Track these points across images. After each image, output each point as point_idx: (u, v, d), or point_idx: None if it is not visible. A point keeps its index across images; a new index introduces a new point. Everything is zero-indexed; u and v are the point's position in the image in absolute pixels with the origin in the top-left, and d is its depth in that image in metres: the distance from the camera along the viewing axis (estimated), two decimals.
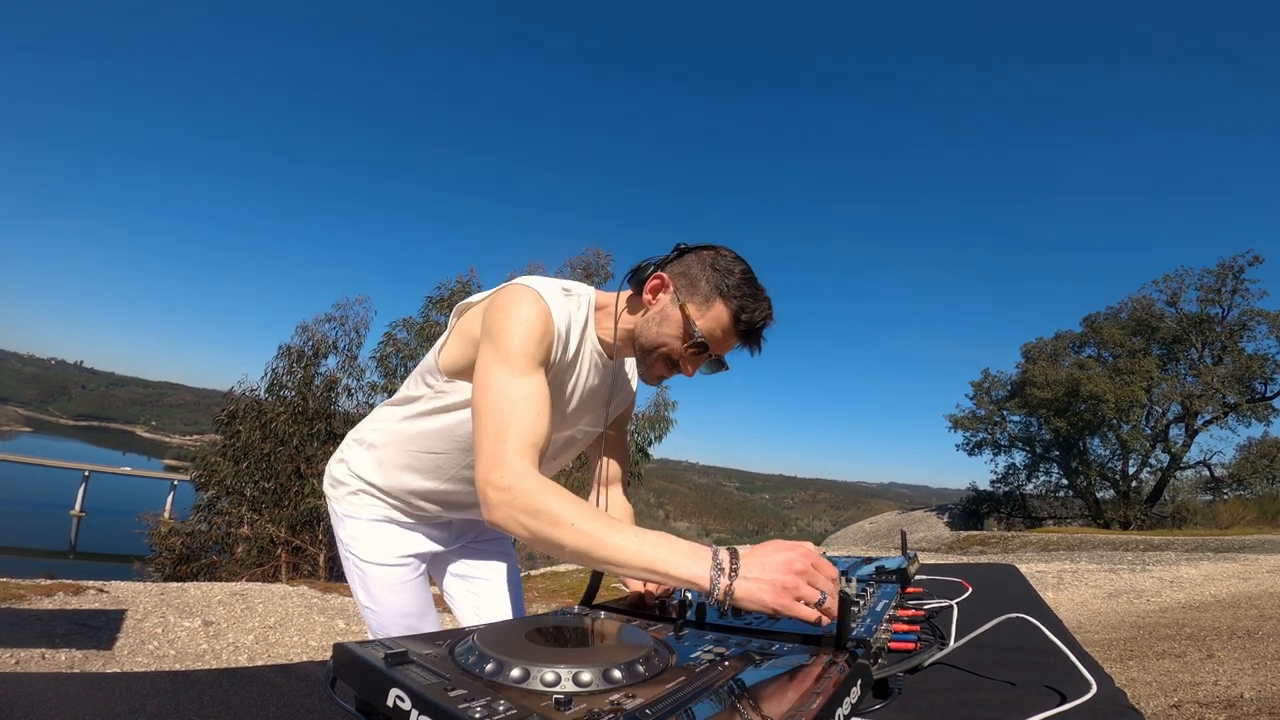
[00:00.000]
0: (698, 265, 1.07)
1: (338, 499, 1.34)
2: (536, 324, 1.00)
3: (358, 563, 1.31)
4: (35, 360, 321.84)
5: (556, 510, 0.84)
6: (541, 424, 0.95)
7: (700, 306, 1.05)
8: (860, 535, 23.89)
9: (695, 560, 0.80)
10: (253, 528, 12.61)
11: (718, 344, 1.07)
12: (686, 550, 0.81)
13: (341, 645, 0.62)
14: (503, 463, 0.89)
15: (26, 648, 3.72)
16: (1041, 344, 26.91)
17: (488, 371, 0.98)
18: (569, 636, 0.73)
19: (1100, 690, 0.71)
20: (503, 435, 0.92)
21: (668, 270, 1.09)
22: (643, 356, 1.11)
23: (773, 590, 0.76)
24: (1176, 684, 3.40)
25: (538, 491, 0.86)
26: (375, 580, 1.30)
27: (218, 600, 5.66)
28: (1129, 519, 22.57)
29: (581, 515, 0.84)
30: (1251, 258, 22.13)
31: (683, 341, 1.06)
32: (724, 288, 1.04)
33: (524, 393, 0.96)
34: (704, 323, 1.05)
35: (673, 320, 1.06)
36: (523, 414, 0.94)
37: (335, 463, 1.39)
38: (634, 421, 14.34)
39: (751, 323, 1.06)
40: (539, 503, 0.86)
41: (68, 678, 0.65)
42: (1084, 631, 5.39)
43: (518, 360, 0.97)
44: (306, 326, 14.08)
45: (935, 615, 1.16)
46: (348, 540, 1.32)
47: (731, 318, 1.05)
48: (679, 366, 1.10)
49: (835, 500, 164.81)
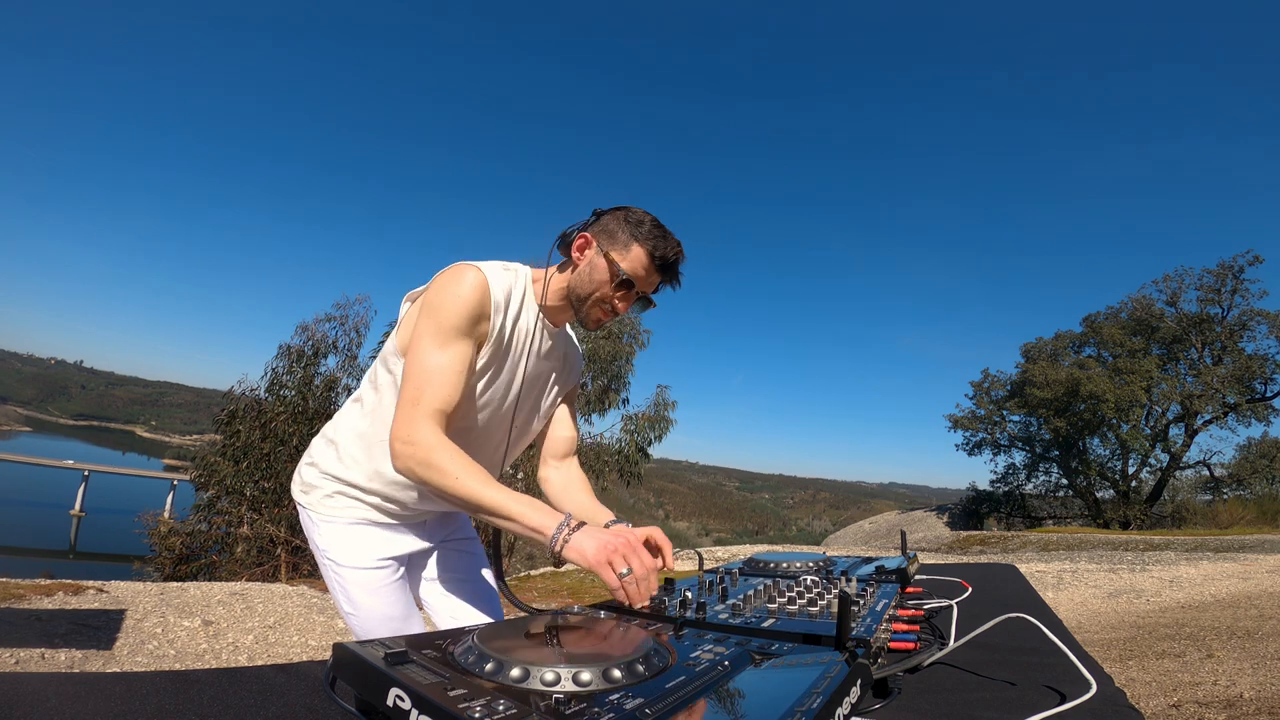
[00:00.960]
0: (614, 221, 1.24)
1: (312, 504, 1.32)
2: (471, 297, 1.14)
3: (335, 568, 1.30)
4: (35, 360, 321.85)
5: (445, 465, 1.04)
6: (452, 393, 1.12)
7: (621, 252, 1.21)
8: (860, 535, 23.90)
9: (546, 517, 1.01)
10: (252, 528, 12.60)
11: (642, 282, 1.23)
12: (543, 509, 1.02)
13: (341, 645, 0.62)
14: (412, 423, 1.08)
15: (26, 647, 3.72)
16: (1041, 344, 26.92)
17: (418, 342, 1.13)
18: (569, 636, 0.73)
19: (1100, 690, 0.71)
20: (417, 400, 1.09)
21: (589, 230, 1.25)
22: (579, 306, 1.26)
23: (594, 551, 0.96)
24: (1176, 684, 3.40)
25: (435, 448, 1.06)
26: (355, 585, 1.29)
27: (217, 600, 5.66)
28: (1129, 519, 22.57)
29: (464, 470, 1.04)
30: (1251, 258, 22.16)
31: (611, 284, 1.22)
32: (638, 234, 1.22)
33: (443, 364, 1.12)
34: (626, 264, 1.21)
35: (600, 268, 1.22)
36: (438, 384, 1.11)
37: (305, 466, 1.36)
38: (634, 421, 14.34)
39: (665, 258, 1.23)
40: (433, 457, 1.05)
41: (68, 678, 0.65)
42: (1084, 631, 5.39)
43: (445, 333, 1.13)
44: (306, 326, 14.07)
45: (935, 615, 1.16)
46: (325, 546, 1.30)
47: (648, 256, 1.22)
48: (613, 308, 1.25)
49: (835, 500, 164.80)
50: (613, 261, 1.21)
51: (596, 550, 0.97)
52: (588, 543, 0.98)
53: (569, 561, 1.00)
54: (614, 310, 1.25)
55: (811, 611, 0.92)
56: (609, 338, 13.82)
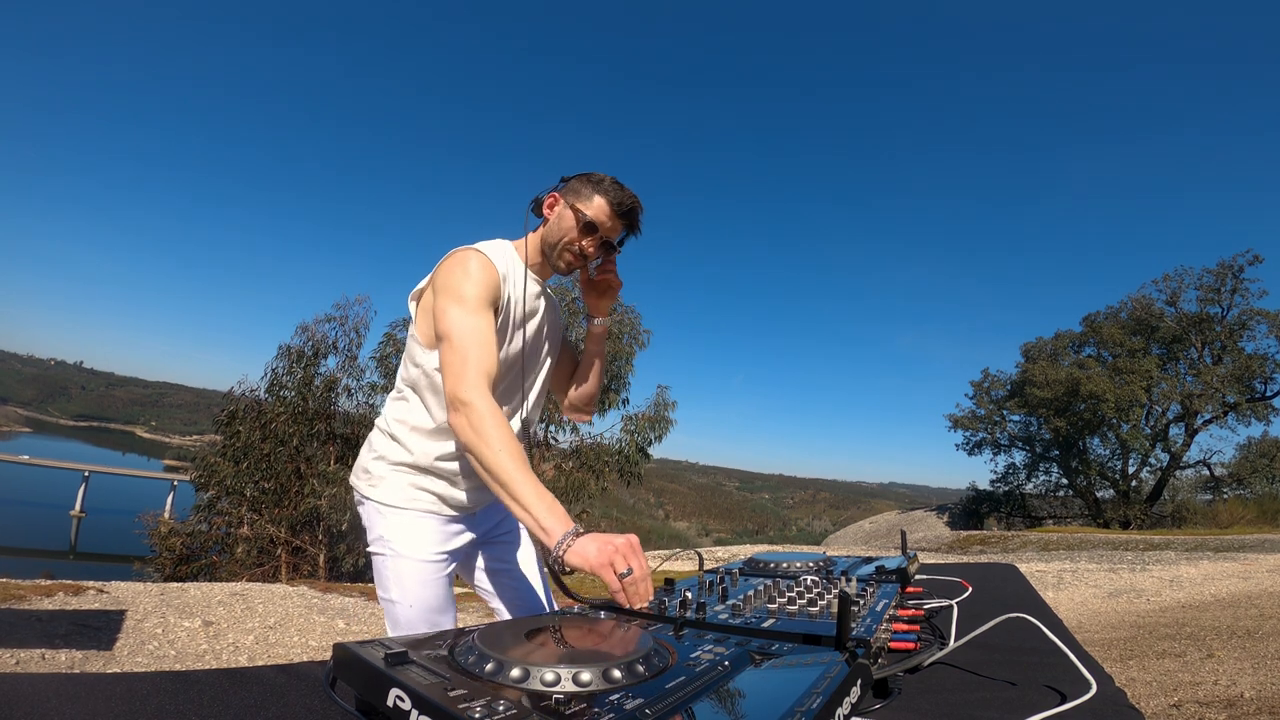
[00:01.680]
0: (578, 182, 1.40)
1: (380, 495, 1.38)
2: (482, 273, 1.27)
3: (395, 558, 1.34)
4: (35, 360, 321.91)
5: (491, 436, 1.12)
6: (492, 357, 1.23)
7: (585, 203, 1.38)
8: (860, 535, 23.90)
9: (556, 520, 1.06)
10: (253, 528, 12.60)
11: (605, 228, 1.39)
12: (559, 514, 1.07)
13: (341, 645, 0.62)
14: (465, 381, 1.17)
15: (27, 648, 3.72)
16: (1041, 344, 26.91)
17: (447, 312, 1.24)
18: (569, 636, 0.73)
19: (1100, 690, 0.71)
20: (466, 360, 1.19)
21: (558, 192, 1.43)
22: (549, 251, 1.42)
23: (596, 553, 1.00)
24: (1176, 684, 3.40)
25: (486, 415, 1.14)
26: (411, 575, 1.34)
27: (218, 600, 5.66)
28: (1129, 518, 22.57)
29: (505, 447, 1.11)
30: (1251, 257, 22.14)
31: (578, 229, 1.38)
32: (599, 189, 1.38)
33: (477, 327, 1.24)
34: (590, 211, 1.37)
35: (567, 218, 1.39)
36: (482, 346, 1.22)
37: (371, 461, 1.43)
38: (634, 421, 14.34)
39: (622, 204, 1.38)
40: (484, 424, 1.13)
41: (68, 678, 0.65)
42: (1084, 631, 5.39)
43: (471, 301, 1.24)
44: (306, 326, 14.07)
45: (935, 615, 1.16)
46: (388, 535, 1.35)
47: (610, 205, 1.38)
48: (581, 250, 1.40)
49: (835, 500, 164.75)
50: (578, 210, 1.37)
51: (598, 552, 1.00)
52: (589, 546, 1.01)
53: (570, 566, 1.03)
54: (582, 253, 1.40)
55: (811, 611, 0.92)
56: (609, 338, 13.82)
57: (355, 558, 13.00)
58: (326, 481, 12.65)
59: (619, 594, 0.98)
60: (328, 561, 12.88)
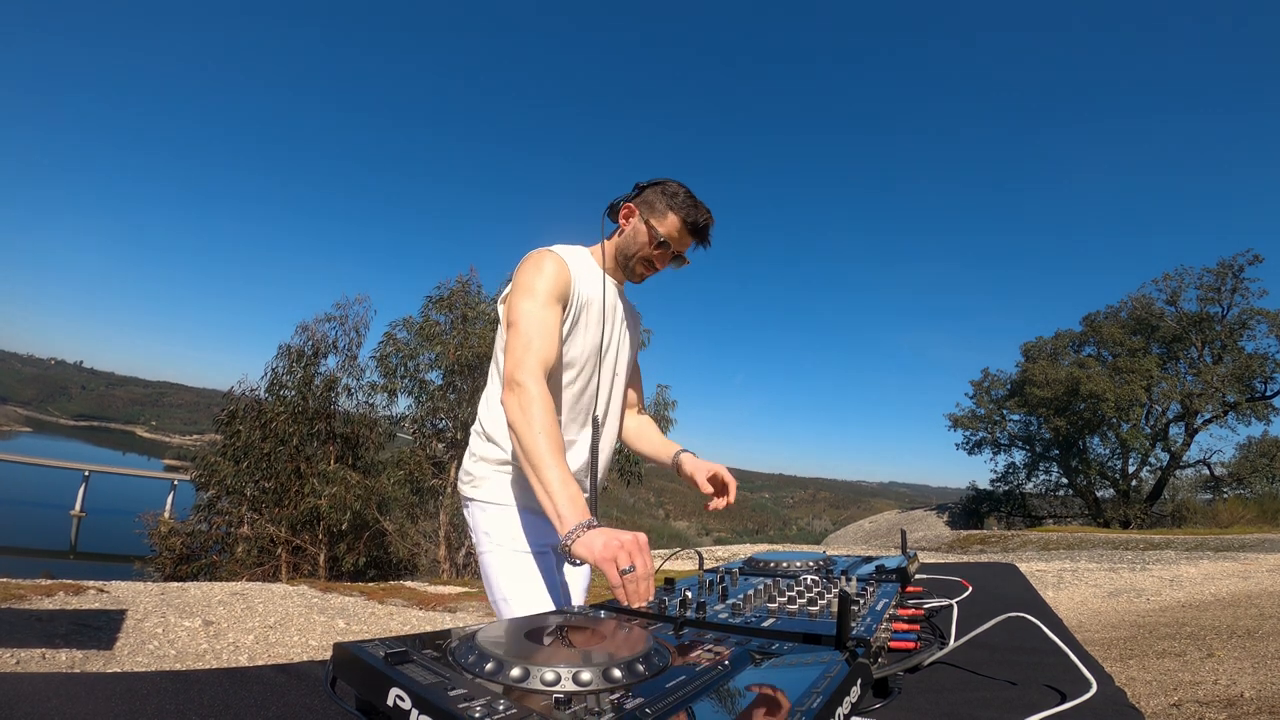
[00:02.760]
0: (653, 193, 1.46)
1: (481, 494, 1.42)
2: (554, 270, 1.35)
3: (498, 552, 1.38)
4: (35, 360, 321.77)
5: (534, 419, 1.18)
6: (555, 346, 1.31)
7: (659, 219, 1.44)
8: (860, 534, 23.91)
9: (573, 510, 1.09)
10: (253, 527, 12.61)
11: (676, 243, 1.46)
12: (577, 506, 1.10)
13: (341, 645, 0.62)
14: (524, 367, 1.24)
15: (27, 648, 3.72)
16: (1041, 343, 26.91)
17: (518, 305, 1.32)
18: (569, 636, 0.73)
19: (1100, 689, 0.71)
20: (528, 347, 1.27)
21: (632, 201, 1.48)
22: (624, 263, 1.49)
23: (601, 547, 1.01)
24: (1176, 683, 3.40)
25: (536, 399, 1.20)
26: (515, 567, 1.36)
27: (218, 600, 5.66)
28: (1129, 518, 22.57)
29: (545, 432, 1.17)
30: (1251, 257, 22.15)
31: (651, 245, 1.45)
32: (673, 205, 1.44)
33: (544, 319, 1.31)
34: (664, 229, 1.44)
35: (641, 232, 1.46)
36: (545, 335, 1.30)
37: (470, 463, 1.47)
38: None
39: (695, 223, 1.45)
40: (532, 407, 1.19)
41: (68, 678, 0.65)
42: (1084, 630, 5.39)
43: (540, 295, 1.32)
44: (306, 326, 14.07)
45: (935, 614, 1.16)
46: (490, 530, 1.39)
47: (682, 223, 1.44)
48: (654, 264, 1.49)
49: (835, 499, 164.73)
50: (652, 227, 1.44)
51: (603, 546, 1.01)
52: (596, 539, 1.03)
53: (577, 557, 1.05)
54: (654, 266, 1.49)
55: (811, 611, 0.92)
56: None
57: (355, 557, 13.00)
58: (326, 481, 12.65)
59: (618, 590, 0.99)
60: (328, 561, 12.87)
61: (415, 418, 13.69)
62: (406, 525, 13.26)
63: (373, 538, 13.37)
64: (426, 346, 13.34)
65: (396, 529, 13.15)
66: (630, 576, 0.99)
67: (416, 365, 13.49)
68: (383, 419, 14.18)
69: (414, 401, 13.65)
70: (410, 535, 13.07)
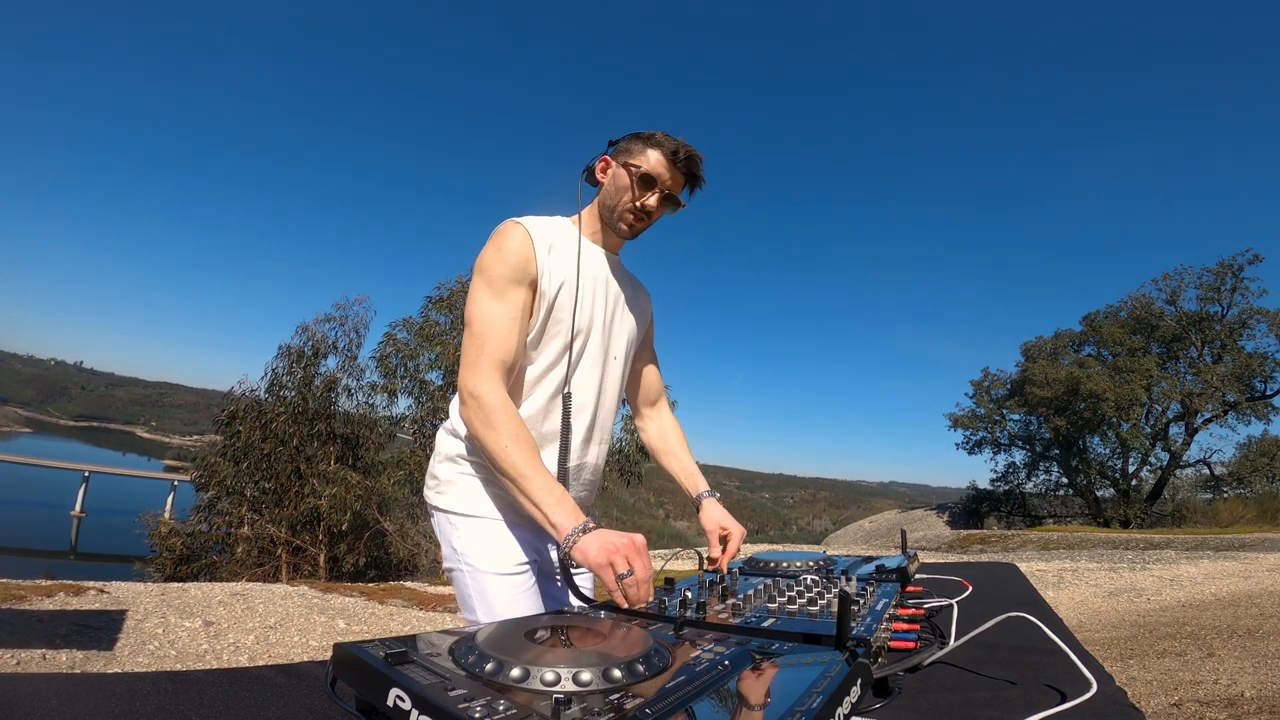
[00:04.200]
0: (627, 141, 1.34)
1: (451, 503, 1.29)
2: (513, 245, 1.23)
3: (474, 574, 1.23)
4: (35, 360, 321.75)
5: (501, 429, 1.11)
6: (512, 343, 1.20)
7: (639, 158, 1.31)
8: (860, 534, 23.90)
9: (565, 515, 1.04)
10: (253, 528, 12.60)
11: (664, 182, 1.31)
12: (568, 510, 1.05)
13: (342, 645, 0.62)
14: (478, 372, 1.15)
15: (27, 648, 3.72)
16: (1041, 343, 26.90)
17: (474, 295, 1.22)
18: (569, 636, 0.73)
19: (1100, 689, 0.71)
20: (481, 349, 1.17)
21: (608, 155, 1.37)
22: (610, 219, 1.35)
23: (596, 552, 0.98)
24: (1177, 683, 3.40)
25: (498, 408, 1.13)
26: (495, 591, 1.22)
27: (218, 600, 5.66)
28: (1129, 517, 22.56)
29: (515, 441, 1.10)
30: (1251, 256, 22.14)
31: (635, 187, 1.31)
32: (651, 141, 1.31)
33: (500, 312, 1.20)
34: (646, 165, 1.30)
35: (622, 176, 1.32)
36: (499, 334, 1.18)
37: (438, 465, 1.34)
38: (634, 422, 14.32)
39: (678, 152, 1.31)
40: (495, 417, 1.12)
41: (68, 678, 0.65)
42: (1084, 630, 5.39)
43: (497, 283, 1.21)
44: (306, 326, 14.05)
45: (935, 614, 1.16)
46: (464, 550, 1.25)
47: (665, 155, 1.30)
48: (642, 207, 1.32)
49: (835, 499, 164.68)
50: (631, 166, 1.30)
51: (599, 551, 0.98)
52: (592, 544, 1.00)
53: (575, 563, 1.02)
54: (643, 210, 1.32)
55: (811, 611, 0.92)
56: None
57: (355, 558, 13.00)
58: (326, 481, 12.65)
59: (615, 594, 0.97)
60: (328, 561, 12.86)
61: (415, 418, 13.69)
62: (406, 525, 13.25)
63: (373, 538, 13.37)
64: (426, 347, 13.35)
65: (396, 529, 13.14)
66: (628, 581, 0.96)
67: (416, 366, 13.51)
68: (383, 419, 14.17)
69: (414, 402, 13.67)
70: (410, 535, 13.06)
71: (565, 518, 1.04)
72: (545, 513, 1.05)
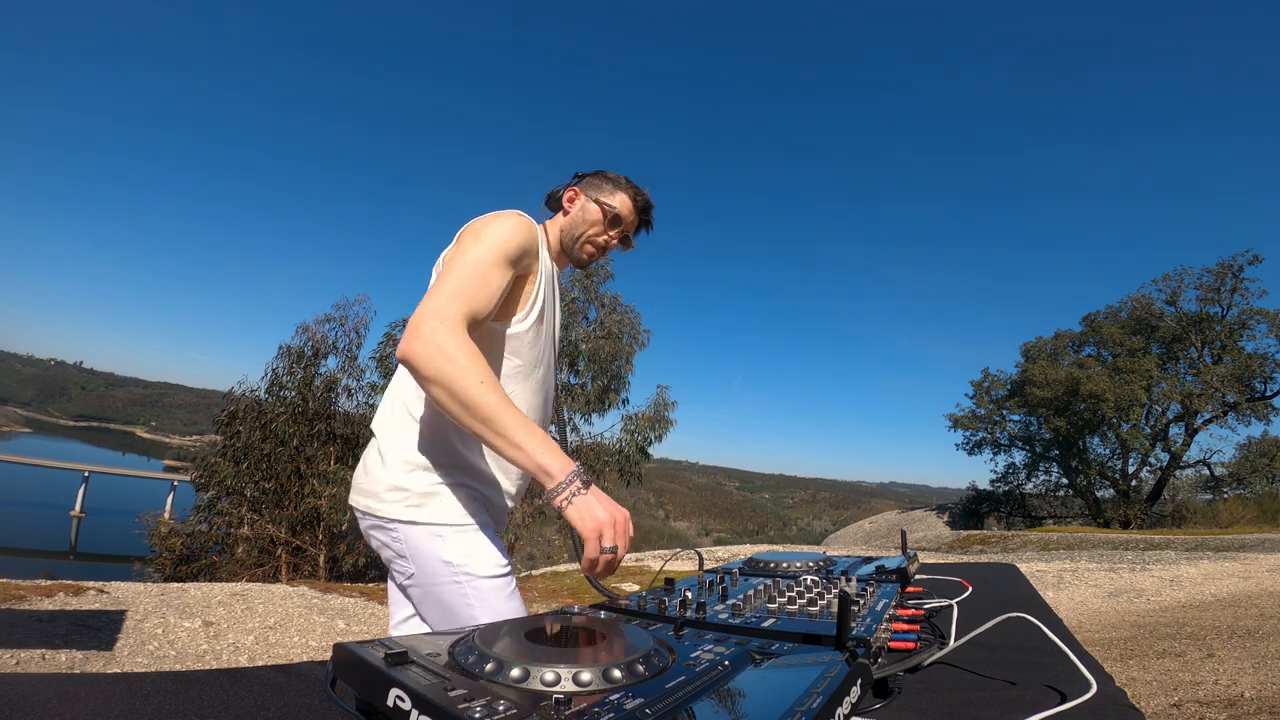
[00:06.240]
0: (597, 178, 1.45)
1: (427, 511, 1.21)
2: (519, 230, 1.21)
3: (477, 581, 1.19)
4: (35, 360, 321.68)
5: (470, 367, 0.99)
6: (490, 301, 1.13)
7: (610, 197, 1.42)
8: (860, 535, 23.90)
9: (554, 459, 0.98)
10: (253, 528, 12.60)
11: (626, 222, 1.45)
12: (556, 451, 1.00)
13: (342, 645, 0.62)
14: (448, 313, 1.04)
15: (27, 648, 3.72)
16: (1041, 343, 26.92)
17: (466, 251, 1.14)
18: (569, 636, 0.73)
19: (1100, 689, 0.71)
20: (459, 291, 1.08)
21: (576, 186, 1.45)
22: (571, 246, 1.43)
23: (599, 519, 0.96)
24: (1177, 683, 3.40)
25: (464, 345, 1.01)
26: (495, 595, 1.20)
27: (218, 601, 5.66)
28: (1129, 518, 22.57)
29: (490, 379, 1.00)
30: (1251, 257, 22.15)
31: (604, 221, 1.41)
32: (620, 185, 1.44)
33: (488, 272, 1.13)
34: (617, 204, 1.42)
35: (592, 211, 1.41)
36: (482, 284, 1.12)
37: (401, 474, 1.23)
38: (634, 421, 14.32)
39: (643, 203, 1.46)
40: (461, 354, 1.00)
41: (68, 678, 0.65)
42: (1084, 631, 5.39)
43: (495, 249, 1.16)
44: (306, 327, 14.06)
45: (935, 614, 1.16)
46: (459, 560, 1.19)
47: (632, 200, 1.44)
48: (604, 244, 1.44)
49: (835, 499, 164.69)
50: (604, 204, 1.41)
51: (601, 517, 0.97)
52: (597, 508, 0.97)
53: (565, 516, 0.97)
54: (603, 246, 1.44)
55: (811, 611, 0.92)
56: (608, 338, 13.79)
57: (355, 558, 13.00)
58: (326, 481, 12.64)
59: (586, 560, 0.97)
60: (328, 561, 12.86)
61: None
62: None
63: None
64: None
65: None
66: (608, 557, 0.97)
67: None
68: None
69: None
70: None
71: (555, 461, 0.98)
72: (531, 454, 0.98)
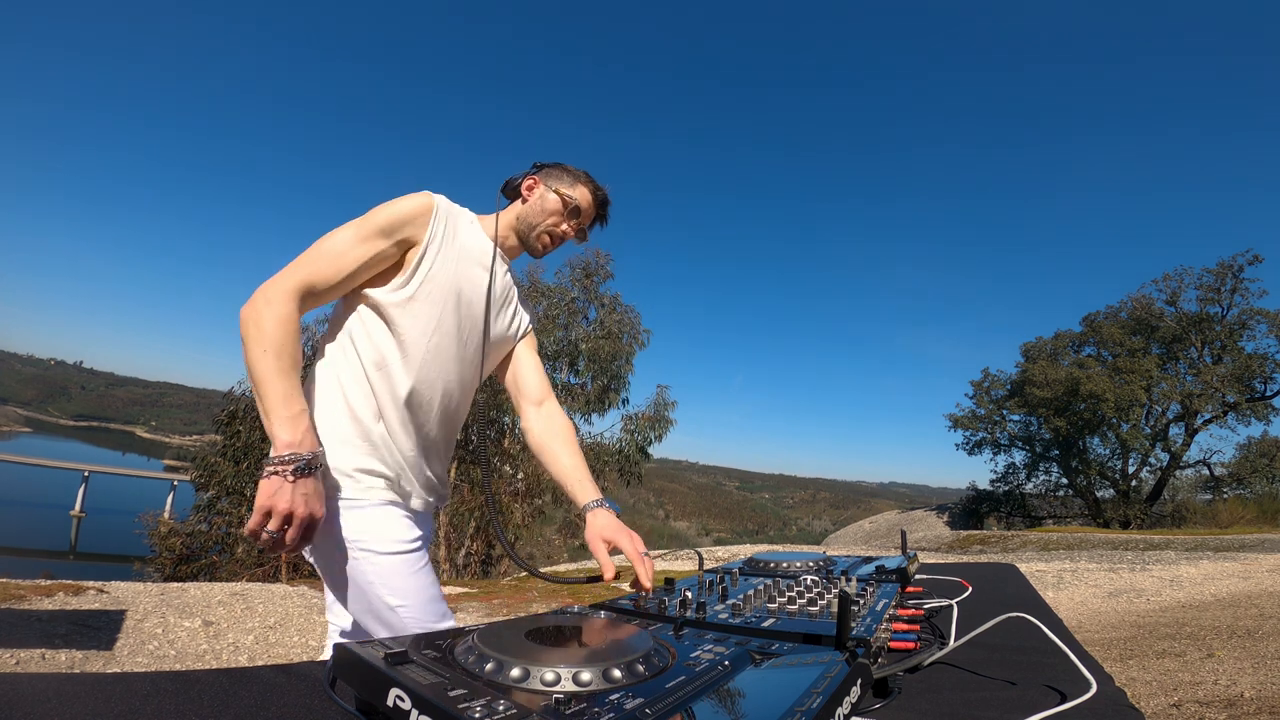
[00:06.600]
0: (557, 170, 1.46)
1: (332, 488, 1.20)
2: (407, 206, 1.25)
3: (372, 559, 1.17)
4: (35, 360, 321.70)
5: (268, 335, 1.09)
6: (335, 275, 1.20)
7: (569, 189, 1.44)
8: (860, 535, 23.90)
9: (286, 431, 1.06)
10: None
11: (583, 214, 1.46)
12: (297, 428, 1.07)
13: (342, 645, 0.62)
14: (283, 283, 1.15)
15: (26, 648, 3.72)
16: (1041, 343, 26.92)
17: (339, 228, 1.23)
18: (569, 636, 0.73)
19: (1100, 690, 0.71)
20: (300, 266, 1.18)
21: (536, 176, 1.46)
22: (527, 234, 1.44)
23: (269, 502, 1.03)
24: (1176, 683, 3.40)
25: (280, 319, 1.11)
26: (396, 570, 1.19)
27: (218, 600, 5.66)
28: (1129, 518, 22.57)
29: (277, 352, 1.09)
30: (1251, 257, 22.15)
31: (563, 212, 1.43)
32: (580, 178, 1.46)
33: (346, 250, 1.20)
34: (576, 195, 1.44)
35: (551, 200, 1.43)
36: (327, 261, 1.19)
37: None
38: (634, 421, 14.33)
39: (601, 196, 1.48)
40: (267, 323, 1.10)
41: (68, 678, 0.65)
42: (1084, 631, 5.39)
43: (366, 226, 1.22)
44: (306, 327, 14.07)
45: (935, 614, 1.16)
46: (355, 536, 1.17)
47: (591, 193, 1.46)
48: (561, 234, 1.45)
49: (835, 499, 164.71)
50: (564, 195, 1.42)
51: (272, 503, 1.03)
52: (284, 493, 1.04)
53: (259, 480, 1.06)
54: (560, 237, 1.45)
55: (811, 611, 0.92)
56: (608, 337, 13.79)
57: None
58: None
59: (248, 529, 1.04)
60: None
61: None
62: None
63: None
64: None
65: None
66: (265, 540, 1.03)
67: None
68: None
69: None
70: None
71: (287, 436, 1.06)
72: (271, 424, 1.07)
